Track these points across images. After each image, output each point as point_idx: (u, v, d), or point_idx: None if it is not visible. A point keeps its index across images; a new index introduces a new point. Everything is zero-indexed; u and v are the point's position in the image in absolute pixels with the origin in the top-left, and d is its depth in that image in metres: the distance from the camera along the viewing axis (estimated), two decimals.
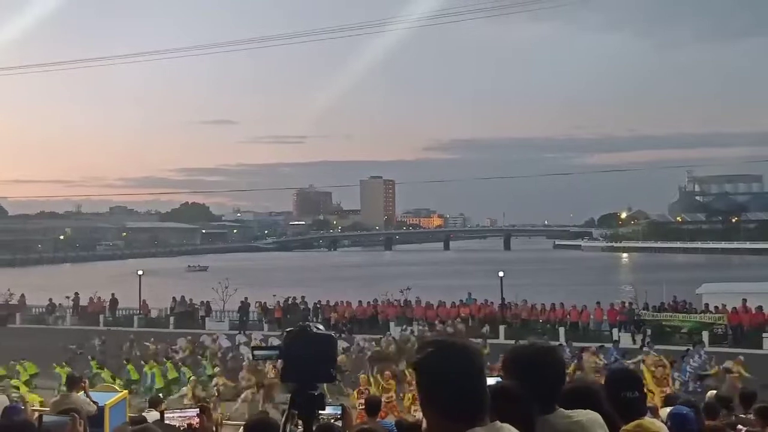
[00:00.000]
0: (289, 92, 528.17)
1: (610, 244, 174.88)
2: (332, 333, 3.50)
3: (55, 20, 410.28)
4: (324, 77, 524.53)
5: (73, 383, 11.67)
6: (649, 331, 34.14)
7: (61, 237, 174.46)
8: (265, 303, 43.41)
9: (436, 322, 36.03)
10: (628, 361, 24.26)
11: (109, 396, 16.25)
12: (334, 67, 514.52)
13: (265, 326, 40.85)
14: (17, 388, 21.53)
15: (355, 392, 20.24)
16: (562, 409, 3.20)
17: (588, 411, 3.33)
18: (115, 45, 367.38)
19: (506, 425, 2.57)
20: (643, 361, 23.37)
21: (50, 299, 48.01)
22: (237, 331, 37.26)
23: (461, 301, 40.79)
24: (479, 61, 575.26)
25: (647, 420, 4.05)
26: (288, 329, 3.30)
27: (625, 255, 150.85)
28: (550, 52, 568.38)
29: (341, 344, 26.67)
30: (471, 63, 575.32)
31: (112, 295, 47.01)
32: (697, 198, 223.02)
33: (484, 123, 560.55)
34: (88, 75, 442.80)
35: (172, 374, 26.02)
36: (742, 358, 24.40)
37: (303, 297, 43.73)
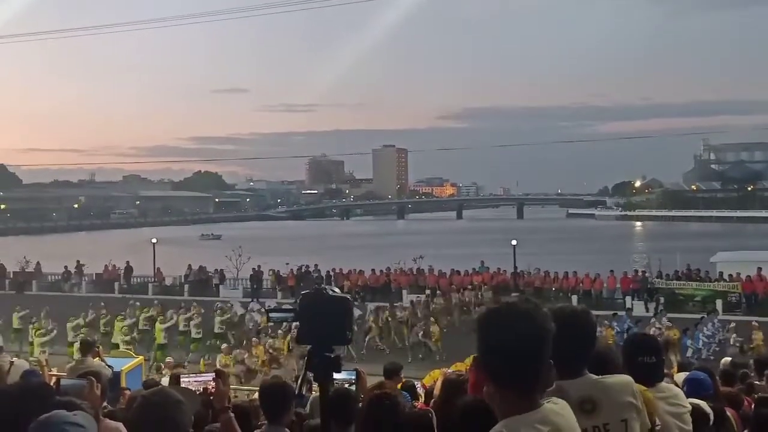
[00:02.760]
0: (299, 60, 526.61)
1: (624, 212, 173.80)
2: (348, 296, 3.48)
3: None
4: (335, 45, 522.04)
5: (87, 349, 11.75)
6: (662, 300, 34.10)
7: (75, 205, 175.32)
8: (278, 271, 43.61)
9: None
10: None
11: (125, 362, 16.47)
12: (345, 34, 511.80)
13: (279, 294, 41.08)
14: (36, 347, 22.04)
15: None
16: (591, 374, 3.17)
17: (621, 375, 3.30)
18: (126, 12, 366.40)
19: (554, 407, 2.50)
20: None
21: (65, 267, 48.44)
22: (250, 299, 37.47)
23: (474, 269, 40.78)
24: (491, 29, 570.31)
25: (663, 384, 4.03)
26: (304, 291, 3.29)
27: (639, 223, 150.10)
28: (562, 19, 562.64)
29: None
30: (483, 31, 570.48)
31: (127, 263, 47.35)
32: (713, 166, 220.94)
33: (497, 91, 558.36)
34: (99, 43, 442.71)
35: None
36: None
37: (316, 265, 43.86)
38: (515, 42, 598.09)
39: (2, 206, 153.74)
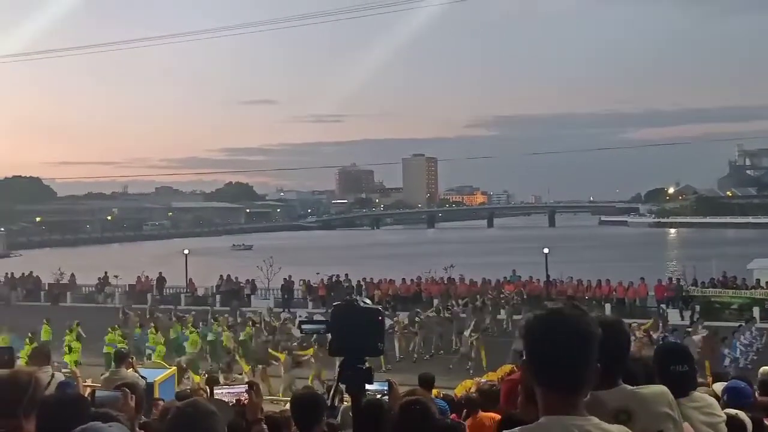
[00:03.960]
0: (328, 71, 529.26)
1: (657, 219, 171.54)
2: (379, 307, 3.49)
3: (94, 2, 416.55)
4: (362, 55, 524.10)
5: (120, 359, 11.83)
6: (698, 308, 33.60)
7: (109, 217, 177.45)
8: (309, 281, 43.73)
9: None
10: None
11: (158, 372, 16.59)
12: (373, 44, 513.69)
13: (310, 304, 41.21)
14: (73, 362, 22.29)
15: None
16: (625, 385, 3.15)
17: (657, 386, 3.27)
18: (155, 26, 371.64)
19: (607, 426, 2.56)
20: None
21: (99, 278, 49.09)
22: (281, 309, 37.64)
23: (505, 278, 40.54)
24: (518, 36, 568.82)
25: (696, 394, 3.97)
26: (335, 303, 3.30)
27: (673, 231, 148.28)
28: (591, 24, 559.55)
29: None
30: (510, 38, 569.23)
31: (160, 273, 47.81)
32: (748, 172, 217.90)
33: (526, 99, 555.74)
34: (129, 56, 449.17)
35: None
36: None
37: (346, 275, 43.93)
38: (543, 49, 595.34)
39: (38, 219, 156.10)
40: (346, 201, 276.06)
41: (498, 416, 5.79)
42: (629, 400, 3.07)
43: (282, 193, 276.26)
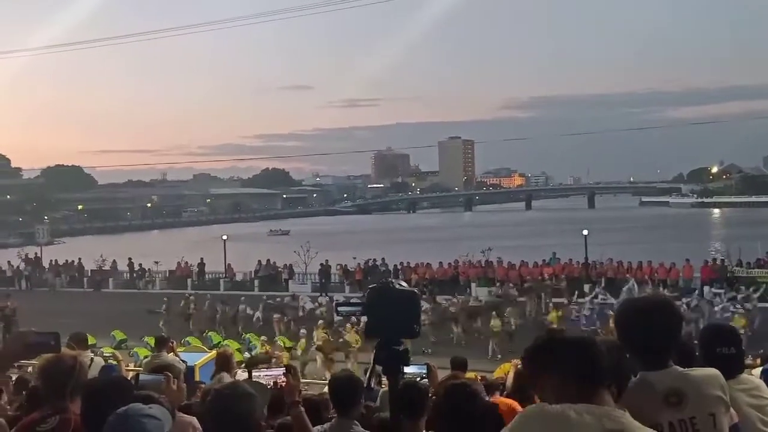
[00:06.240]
0: (361, 55, 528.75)
1: (700, 199, 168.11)
2: (415, 289, 3.47)
3: None
4: (397, 37, 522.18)
5: (162, 344, 12.05)
6: (742, 288, 33.01)
7: (148, 204, 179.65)
8: (345, 265, 43.93)
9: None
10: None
11: (198, 356, 16.79)
12: (408, 26, 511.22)
13: (347, 288, 41.41)
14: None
15: None
16: (676, 367, 3.10)
17: (708, 368, 3.21)
18: (189, 14, 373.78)
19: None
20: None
21: (140, 264, 49.87)
22: (319, 293, 37.89)
23: (544, 260, 40.23)
24: (557, 14, 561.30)
25: (744, 376, 3.89)
26: (371, 286, 3.28)
27: (716, 211, 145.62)
28: (629, 1, 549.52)
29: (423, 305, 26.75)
30: (548, 16, 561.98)
31: (201, 259, 48.38)
32: None
33: (565, 79, 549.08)
34: (163, 45, 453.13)
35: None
36: None
37: (383, 259, 44.02)
38: (582, 27, 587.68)
39: (79, 207, 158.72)
40: (382, 185, 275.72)
41: (511, 402, 5.75)
42: (680, 382, 3.02)
43: (318, 179, 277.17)
